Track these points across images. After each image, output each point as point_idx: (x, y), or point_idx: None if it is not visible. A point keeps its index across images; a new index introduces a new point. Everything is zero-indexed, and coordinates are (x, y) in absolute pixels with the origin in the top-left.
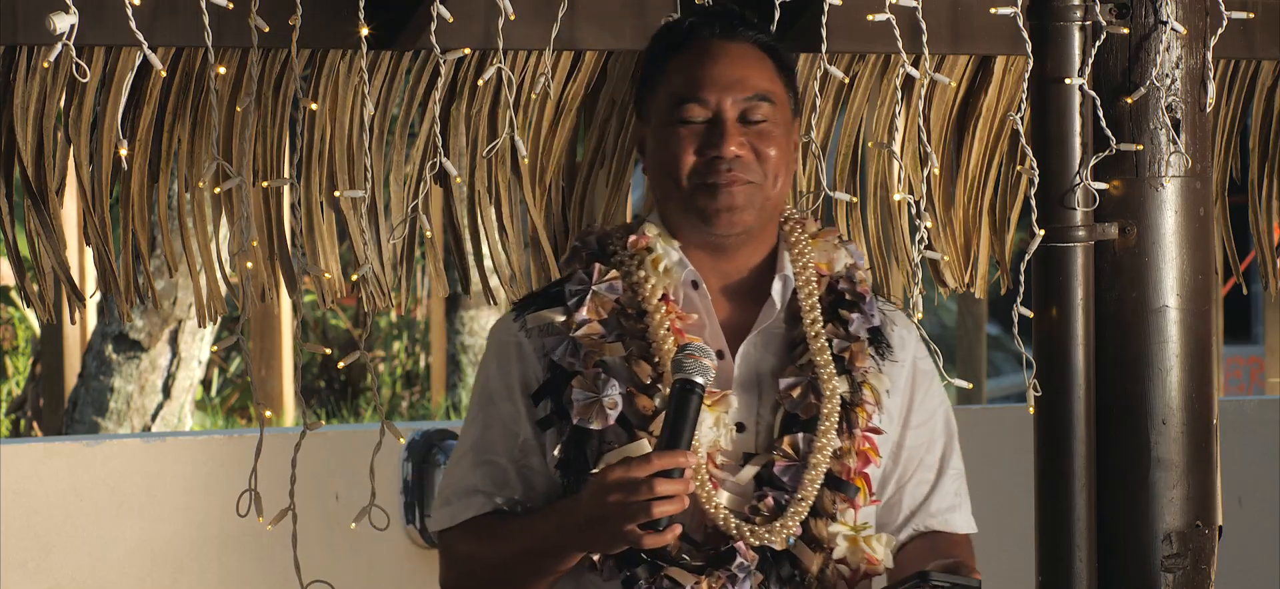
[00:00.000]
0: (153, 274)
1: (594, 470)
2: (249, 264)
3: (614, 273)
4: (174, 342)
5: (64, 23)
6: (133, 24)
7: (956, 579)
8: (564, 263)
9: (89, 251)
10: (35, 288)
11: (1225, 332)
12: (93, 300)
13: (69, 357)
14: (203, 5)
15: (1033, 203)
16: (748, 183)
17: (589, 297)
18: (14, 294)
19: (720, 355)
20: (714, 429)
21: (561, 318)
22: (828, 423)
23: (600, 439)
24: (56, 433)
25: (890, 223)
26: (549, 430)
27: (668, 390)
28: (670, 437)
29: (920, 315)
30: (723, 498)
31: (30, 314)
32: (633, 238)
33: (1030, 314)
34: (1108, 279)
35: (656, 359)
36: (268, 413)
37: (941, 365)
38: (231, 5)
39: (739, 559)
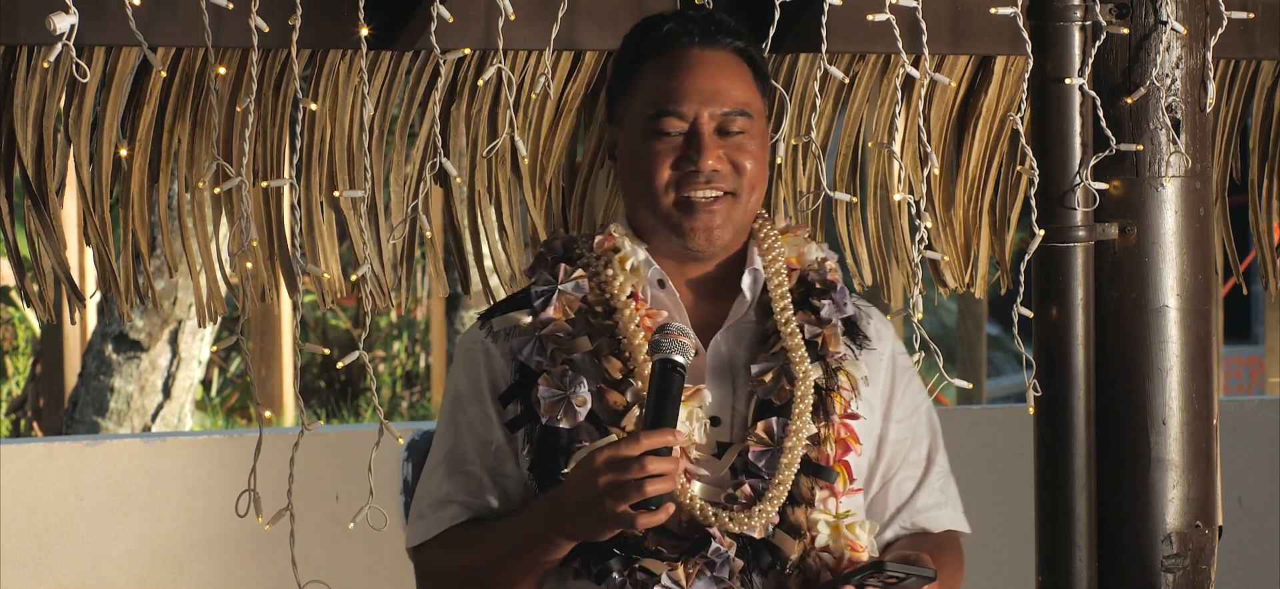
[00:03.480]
0: (153, 274)
1: (566, 471)
2: (249, 264)
3: (580, 272)
4: (174, 342)
5: (64, 23)
6: (133, 24)
7: (912, 569)
8: (529, 270)
9: (89, 251)
10: (35, 288)
11: (1225, 332)
12: (93, 300)
13: (69, 357)
14: (203, 5)
15: (1033, 203)
16: (726, 196)
17: (555, 296)
18: (14, 294)
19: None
20: (687, 422)
21: (528, 319)
22: (802, 406)
23: (571, 437)
24: (56, 433)
25: (890, 223)
26: (519, 432)
27: (639, 385)
28: (655, 416)
29: (920, 315)
30: (696, 488)
31: (30, 314)
32: (599, 239)
33: (1030, 314)
34: (1108, 279)
35: (627, 355)
36: (268, 413)
37: (942, 365)
38: (231, 5)
39: (714, 545)
